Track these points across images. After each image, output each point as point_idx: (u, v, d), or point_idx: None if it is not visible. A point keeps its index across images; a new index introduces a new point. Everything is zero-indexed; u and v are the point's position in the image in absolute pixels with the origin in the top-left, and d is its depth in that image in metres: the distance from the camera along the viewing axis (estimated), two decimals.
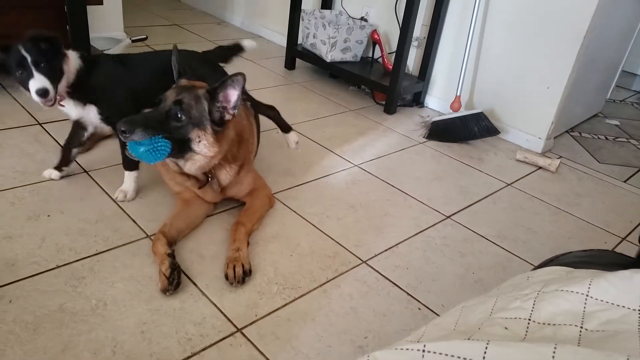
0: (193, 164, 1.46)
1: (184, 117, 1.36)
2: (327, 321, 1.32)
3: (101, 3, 2.35)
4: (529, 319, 0.56)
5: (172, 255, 1.38)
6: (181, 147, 1.39)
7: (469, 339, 0.55)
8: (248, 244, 1.52)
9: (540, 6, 2.37)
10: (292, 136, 1.95)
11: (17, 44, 1.40)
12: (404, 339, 0.69)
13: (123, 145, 1.57)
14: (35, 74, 1.39)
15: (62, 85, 1.50)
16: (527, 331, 0.55)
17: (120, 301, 1.27)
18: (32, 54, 1.39)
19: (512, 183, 2.23)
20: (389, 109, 2.75)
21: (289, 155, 2.16)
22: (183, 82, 1.48)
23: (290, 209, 1.78)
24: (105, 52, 2.63)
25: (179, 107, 1.36)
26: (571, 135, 2.87)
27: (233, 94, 1.41)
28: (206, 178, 1.55)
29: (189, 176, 1.54)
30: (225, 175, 1.59)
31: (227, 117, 1.44)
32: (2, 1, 2.11)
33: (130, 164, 1.65)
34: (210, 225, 1.63)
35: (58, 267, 1.34)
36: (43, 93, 1.40)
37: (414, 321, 1.38)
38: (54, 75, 1.45)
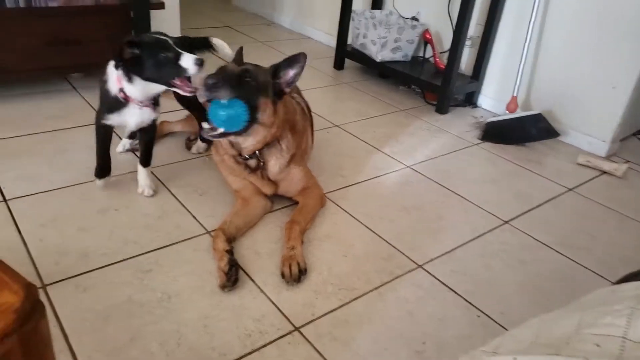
0: (254, 138, 1.52)
1: (252, 82, 1.44)
2: (384, 324, 1.31)
3: (163, 7, 2.44)
4: (624, 337, 0.53)
5: (230, 252, 1.41)
6: (249, 116, 1.45)
7: (557, 354, 0.53)
8: (302, 242, 1.53)
9: (607, 0, 2.26)
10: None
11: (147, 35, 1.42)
12: (478, 349, 0.68)
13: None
14: (184, 52, 1.38)
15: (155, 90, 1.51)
16: (621, 350, 0.52)
17: (183, 295, 1.31)
18: (171, 38, 1.41)
19: (574, 188, 2.14)
20: (441, 109, 2.70)
21: (340, 155, 2.16)
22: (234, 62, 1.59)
23: (342, 209, 1.78)
24: None
25: (248, 73, 1.45)
26: (639, 139, 2.71)
27: (292, 72, 1.52)
28: (257, 162, 1.59)
29: (240, 163, 1.60)
30: (275, 162, 1.61)
31: (287, 89, 1.54)
32: (76, 7, 2.23)
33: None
34: (265, 224, 1.65)
35: (125, 259, 1.40)
36: (201, 62, 1.38)
37: (472, 328, 1.35)
38: None
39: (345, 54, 3.14)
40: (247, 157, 1.58)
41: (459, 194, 1.97)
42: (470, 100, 2.84)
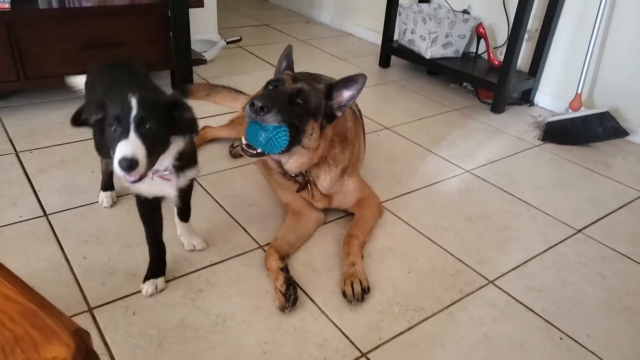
0: (296, 160, 1.40)
1: (304, 105, 1.32)
2: (459, 349, 1.19)
3: (202, 5, 2.36)
4: None
5: (285, 270, 1.31)
6: (293, 140, 1.31)
7: None
8: (362, 257, 1.42)
9: None
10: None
11: (130, 93, 0.99)
12: None
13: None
14: (132, 134, 0.96)
15: (168, 157, 1.11)
16: None
17: (239, 317, 1.21)
18: (143, 108, 0.97)
19: None
20: (497, 108, 2.52)
21: (393, 160, 2.03)
22: (289, 73, 1.45)
23: (401, 219, 1.65)
24: (202, 54, 2.65)
25: (302, 94, 1.32)
26: None
27: (346, 94, 1.39)
28: (304, 181, 1.48)
29: (288, 178, 1.49)
30: (325, 177, 1.50)
31: (338, 113, 1.41)
32: (111, 7, 2.17)
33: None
34: (321, 236, 1.54)
35: (175, 278, 1.32)
36: (128, 165, 0.95)
37: (557, 353, 1.21)
38: (156, 144, 1.02)
39: (391, 50, 2.99)
40: (294, 175, 1.47)
41: (525, 201, 1.81)
42: (527, 98, 2.65)
